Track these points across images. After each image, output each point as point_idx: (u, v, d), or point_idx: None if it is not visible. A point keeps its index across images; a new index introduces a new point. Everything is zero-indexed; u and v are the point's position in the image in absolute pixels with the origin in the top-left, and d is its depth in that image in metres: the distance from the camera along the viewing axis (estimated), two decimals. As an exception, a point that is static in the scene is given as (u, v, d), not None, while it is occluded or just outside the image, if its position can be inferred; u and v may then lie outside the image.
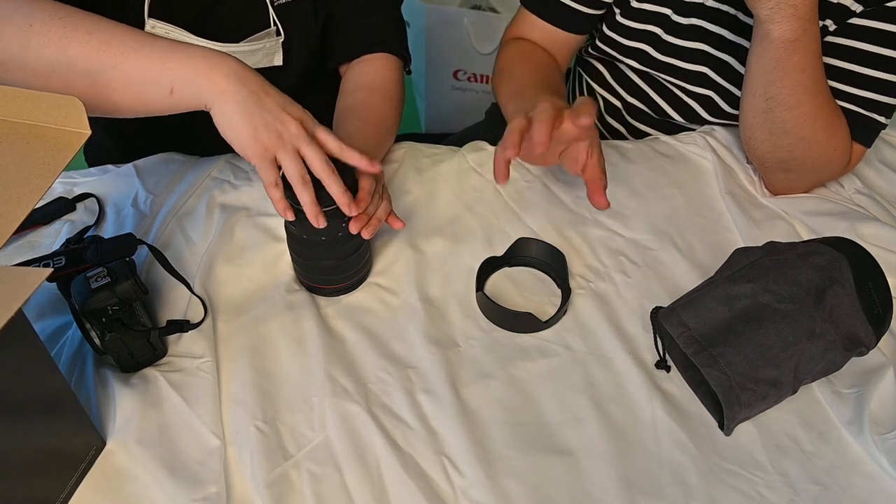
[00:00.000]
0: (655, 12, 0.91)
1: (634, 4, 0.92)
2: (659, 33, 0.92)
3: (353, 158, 0.67)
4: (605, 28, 0.97)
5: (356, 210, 0.67)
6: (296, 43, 0.93)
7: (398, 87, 0.95)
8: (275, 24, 0.89)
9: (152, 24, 0.86)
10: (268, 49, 0.90)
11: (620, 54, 0.97)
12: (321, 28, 0.95)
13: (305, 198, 0.65)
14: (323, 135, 0.67)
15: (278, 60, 0.91)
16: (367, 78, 0.93)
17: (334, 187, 0.65)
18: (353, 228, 0.68)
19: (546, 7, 0.96)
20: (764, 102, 0.80)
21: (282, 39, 0.90)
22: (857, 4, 0.79)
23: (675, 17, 0.90)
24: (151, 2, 0.84)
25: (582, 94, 1.13)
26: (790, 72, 0.76)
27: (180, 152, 0.94)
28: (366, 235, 0.69)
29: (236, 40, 0.89)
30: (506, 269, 0.80)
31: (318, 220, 0.66)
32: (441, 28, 1.73)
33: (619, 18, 0.94)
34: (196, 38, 0.88)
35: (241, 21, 0.89)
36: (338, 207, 0.67)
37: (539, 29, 0.98)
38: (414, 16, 1.75)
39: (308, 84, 1.00)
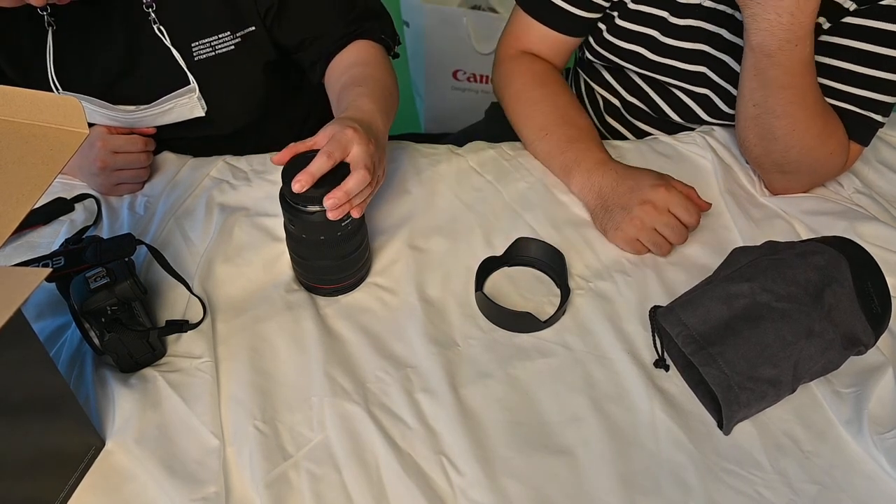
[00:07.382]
0: (652, 14, 0.91)
1: (631, 6, 0.91)
2: (656, 35, 0.91)
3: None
4: (605, 33, 0.96)
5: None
6: (227, 90, 0.93)
7: (386, 60, 0.94)
8: (193, 81, 0.89)
9: None
10: (184, 104, 0.90)
11: (618, 57, 0.97)
12: (268, 62, 0.94)
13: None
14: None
15: (198, 112, 0.92)
16: (352, 58, 0.92)
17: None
18: (328, 205, 0.65)
19: (542, 10, 0.95)
20: (752, 108, 0.81)
21: (196, 94, 0.90)
22: (851, 3, 0.79)
23: (672, 19, 0.90)
24: (57, 73, 0.85)
25: (580, 93, 1.13)
26: (770, 85, 0.76)
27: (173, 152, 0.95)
28: (332, 216, 0.66)
29: (149, 101, 0.89)
30: (505, 269, 0.80)
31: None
32: (441, 28, 1.73)
33: (617, 21, 0.94)
34: (106, 104, 0.88)
35: (156, 83, 0.89)
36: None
37: (535, 32, 0.97)
38: (414, 16, 1.75)
39: (278, 107, 1.01)
